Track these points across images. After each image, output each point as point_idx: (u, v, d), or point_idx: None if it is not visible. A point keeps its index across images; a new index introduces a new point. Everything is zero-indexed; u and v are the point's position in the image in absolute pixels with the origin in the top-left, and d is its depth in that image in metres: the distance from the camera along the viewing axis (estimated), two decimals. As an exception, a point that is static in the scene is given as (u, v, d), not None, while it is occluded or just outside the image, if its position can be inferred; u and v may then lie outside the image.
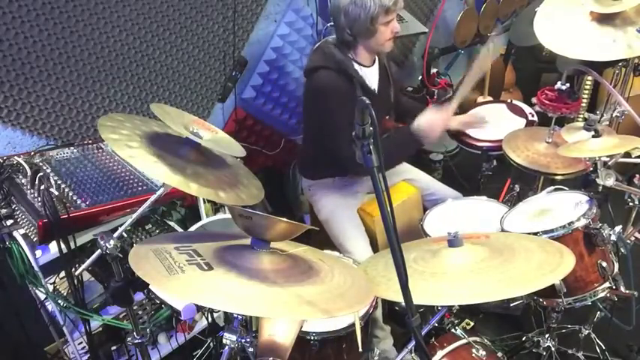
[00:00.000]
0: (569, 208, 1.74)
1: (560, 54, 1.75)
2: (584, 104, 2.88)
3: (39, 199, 1.58)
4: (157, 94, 2.34)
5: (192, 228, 1.96)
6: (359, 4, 1.88)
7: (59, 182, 1.70)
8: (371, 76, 2.11)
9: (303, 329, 1.52)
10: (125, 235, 1.38)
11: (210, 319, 1.98)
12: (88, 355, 1.87)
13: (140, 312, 1.99)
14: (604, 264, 1.65)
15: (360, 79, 2.03)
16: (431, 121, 2.01)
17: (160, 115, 1.40)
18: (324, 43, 2.07)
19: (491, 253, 1.35)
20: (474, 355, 1.64)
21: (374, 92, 2.09)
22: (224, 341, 1.30)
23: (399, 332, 2.14)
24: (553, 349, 1.94)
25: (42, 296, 1.79)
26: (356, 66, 2.03)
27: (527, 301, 1.86)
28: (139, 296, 1.82)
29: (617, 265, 1.71)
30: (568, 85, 2.05)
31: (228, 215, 2.08)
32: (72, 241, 1.60)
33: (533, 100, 2.22)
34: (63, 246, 1.58)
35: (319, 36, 2.66)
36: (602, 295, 1.67)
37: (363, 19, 1.89)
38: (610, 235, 1.61)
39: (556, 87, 2.08)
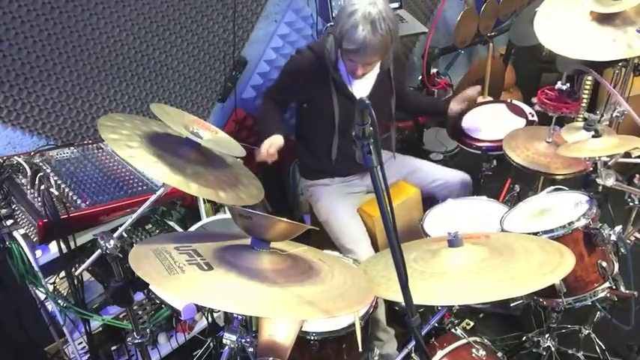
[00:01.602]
0: (569, 208, 1.74)
1: (560, 54, 1.75)
2: (584, 104, 2.87)
3: (39, 199, 1.58)
4: (157, 94, 2.34)
5: (192, 228, 1.96)
6: (339, 17, 1.85)
7: (59, 182, 1.70)
8: (360, 82, 2.05)
9: (303, 329, 1.52)
10: (125, 235, 1.38)
11: (210, 319, 1.98)
12: (88, 355, 1.87)
13: (140, 312, 1.98)
14: (604, 264, 1.65)
15: (334, 76, 1.99)
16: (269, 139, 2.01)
17: (159, 115, 1.40)
18: (327, 34, 2.07)
19: (491, 253, 1.35)
20: (474, 355, 1.64)
21: (351, 94, 2.03)
22: (224, 341, 1.30)
23: (399, 332, 2.14)
24: (553, 349, 1.94)
25: (42, 296, 1.79)
26: (341, 69, 2.00)
27: (527, 301, 1.86)
28: (139, 296, 1.82)
29: (617, 265, 1.71)
30: (568, 84, 2.05)
31: (228, 215, 2.08)
32: (72, 241, 1.60)
33: (534, 99, 2.22)
34: (63, 246, 1.58)
35: (319, 36, 2.66)
36: (602, 295, 1.67)
37: (337, 33, 1.87)
38: (610, 235, 1.61)
39: (556, 87, 2.07)
